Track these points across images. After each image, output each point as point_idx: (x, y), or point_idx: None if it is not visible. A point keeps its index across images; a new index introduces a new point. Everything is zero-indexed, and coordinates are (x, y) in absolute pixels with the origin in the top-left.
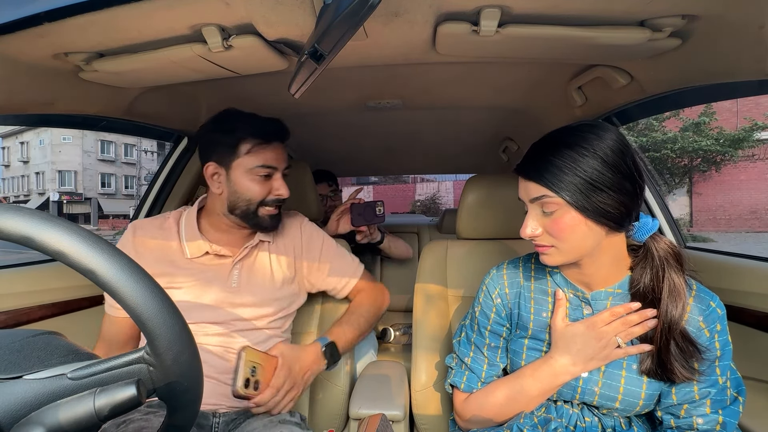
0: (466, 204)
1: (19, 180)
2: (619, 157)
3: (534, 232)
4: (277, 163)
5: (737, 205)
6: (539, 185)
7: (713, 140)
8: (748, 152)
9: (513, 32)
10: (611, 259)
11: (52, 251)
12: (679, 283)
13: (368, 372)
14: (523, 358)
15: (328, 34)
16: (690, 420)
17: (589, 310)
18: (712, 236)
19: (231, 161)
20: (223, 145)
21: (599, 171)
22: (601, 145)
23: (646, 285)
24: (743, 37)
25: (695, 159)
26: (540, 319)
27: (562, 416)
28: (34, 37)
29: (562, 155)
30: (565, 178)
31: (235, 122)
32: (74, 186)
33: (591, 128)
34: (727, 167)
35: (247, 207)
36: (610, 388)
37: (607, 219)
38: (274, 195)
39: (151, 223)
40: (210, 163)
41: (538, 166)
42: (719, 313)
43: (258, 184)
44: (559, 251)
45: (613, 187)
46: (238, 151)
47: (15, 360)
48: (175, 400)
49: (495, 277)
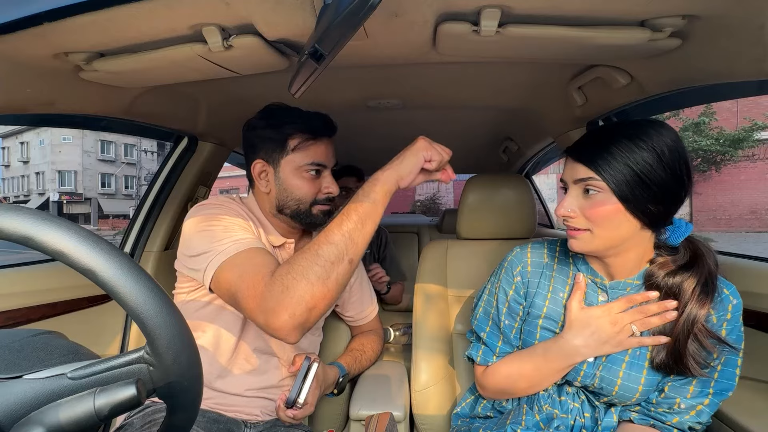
0: (466, 204)
1: (19, 180)
2: (674, 157)
3: (568, 211)
4: (326, 159)
5: (737, 205)
6: (588, 168)
7: (713, 140)
8: (748, 152)
9: (513, 32)
10: (637, 255)
11: (52, 251)
12: (712, 284)
13: (368, 372)
14: (537, 338)
15: (328, 34)
16: (673, 400)
17: (604, 297)
18: (712, 236)
19: (280, 158)
20: (271, 141)
21: (652, 166)
22: (660, 141)
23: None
24: (743, 37)
25: (695, 159)
26: (557, 298)
27: (566, 412)
28: (34, 37)
29: (620, 144)
30: (616, 166)
31: (283, 117)
32: (74, 186)
33: (652, 124)
34: (727, 167)
35: (297, 207)
36: (610, 372)
37: (645, 215)
38: (324, 193)
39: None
40: (258, 160)
41: (593, 150)
42: (732, 302)
43: (308, 182)
44: (592, 236)
45: (662, 186)
46: (287, 147)
47: (15, 360)
48: (175, 400)
49: (519, 255)
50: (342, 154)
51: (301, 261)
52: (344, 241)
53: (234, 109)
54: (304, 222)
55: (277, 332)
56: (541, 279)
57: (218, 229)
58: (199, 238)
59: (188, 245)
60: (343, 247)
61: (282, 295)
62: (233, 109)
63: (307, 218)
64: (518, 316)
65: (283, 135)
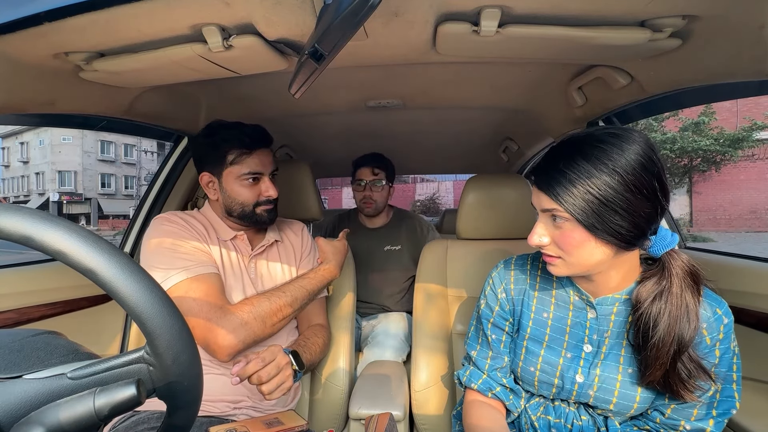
0: (466, 204)
1: (19, 180)
2: (641, 175)
3: (541, 241)
4: (262, 168)
5: (737, 205)
6: (549, 197)
7: (713, 140)
8: (748, 152)
9: (513, 32)
10: (622, 273)
11: (52, 251)
12: (693, 304)
13: (368, 372)
14: (522, 359)
15: (328, 34)
16: (677, 422)
17: (593, 314)
18: (712, 236)
19: (222, 170)
20: (213, 157)
21: (615, 190)
22: (622, 160)
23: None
24: (743, 37)
25: (695, 159)
26: (540, 318)
27: (560, 416)
28: (34, 37)
29: (577, 168)
30: (576, 194)
31: (222, 134)
32: (74, 186)
33: (614, 139)
34: (727, 167)
35: (242, 209)
36: (606, 392)
37: (618, 240)
38: (264, 196)
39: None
40: (204, 173)
41: (551, 177)
42: (724, 321)
43: (248, 188)
44: (566, 264)
45: (629, 209)
46: (226, 161)
47: (15, 360)
48: (175, 400)
49: (502, 272)
50: (342, 154)
51: (263, 305)
52: (293, 306)
53: (234, 109)
54: (251, 221)
55: (222, 349)
56: (525, 298)
57: (172, 252)
58: (155, 256)
59: (145, 262)
60: (290, 310)
61: (240, 327)
62: (233, 109)
63: (252, 218)
64: (504, 330)
65: (222, 151)
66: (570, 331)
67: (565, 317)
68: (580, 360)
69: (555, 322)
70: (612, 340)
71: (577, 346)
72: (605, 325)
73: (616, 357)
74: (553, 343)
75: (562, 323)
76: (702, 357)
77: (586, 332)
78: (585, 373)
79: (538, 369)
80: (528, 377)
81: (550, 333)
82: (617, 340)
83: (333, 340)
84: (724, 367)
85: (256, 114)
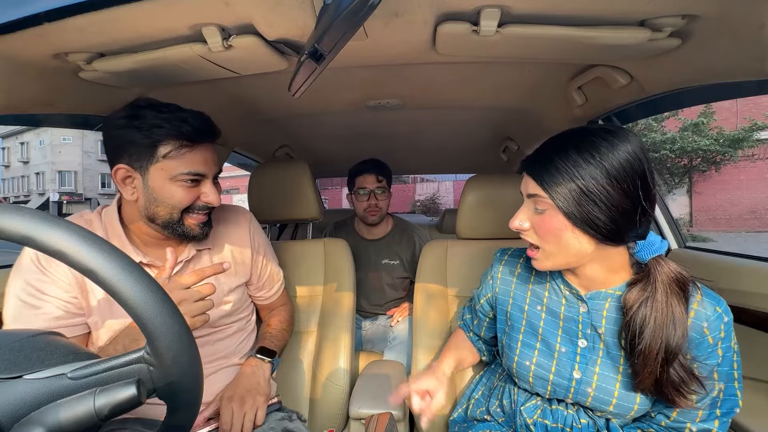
0: (466, 204)
1: (19, 180)
2: (626, 173)
3: (521, 225)
4: (206, 168)
5: (737, 205)
6: (536, 183)
7: (713, 140)
8: (748, 152)
9: (513, 32)
10: (606, 269)
11: (52, 251)
12: (680, 311)
13: (368, 371)
14: (517, 353)
15: (328, 34)
16: (683, 425)
17: (584, 307)
18: (712, 236)
19: (148, 165)
20: (137, 146)
21: (597, 182)
22: (610, 155)
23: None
24: (743, 37)
25: (695, 159)
26: (534, 311)
27: (557, 420)
28: (34, 37)
29: (566, 157)
30: (561, 182)
31: (152, 119)
32: (74, 186)
33: (607, 135)
34: (727, 167)
35: (169, 216)
36: (605, 392)
37: (595, 231)
38: (203, 201)
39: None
40: (121, 165)
41: (541, 164)
42: (725, 320)
43: (183, 189)
44: (544, 254)
45: (609, 203)
46: (156, 154)
47: (15, 360)
48: (175, 400)
49: (496, 261)
50: (342, 154)
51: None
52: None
53: (234, 109)
54: (176, 233)
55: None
56: (516, 290)
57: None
58: (15, 317)
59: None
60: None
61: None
62: (233, 109)
63: (179, 229)
64: (487, 317)
65: (152, 140)
66: (563, 324)
67: (558, 311)
68: (576, 356)
69: (548, 315)
70: (609, 339)
71: (572, 341)
72: (597, 320)
73: (615, 357)
74: (548, 336)
75: (555, 316)
76: (704, 357)
77: (579, 326)
78: (582, 369)
79: (534, 363)
80: (523, 372)
81: (544, 326)
82: (614, 339)
83: (333, 340)
84: (726, 366)
85: (256, 114)
